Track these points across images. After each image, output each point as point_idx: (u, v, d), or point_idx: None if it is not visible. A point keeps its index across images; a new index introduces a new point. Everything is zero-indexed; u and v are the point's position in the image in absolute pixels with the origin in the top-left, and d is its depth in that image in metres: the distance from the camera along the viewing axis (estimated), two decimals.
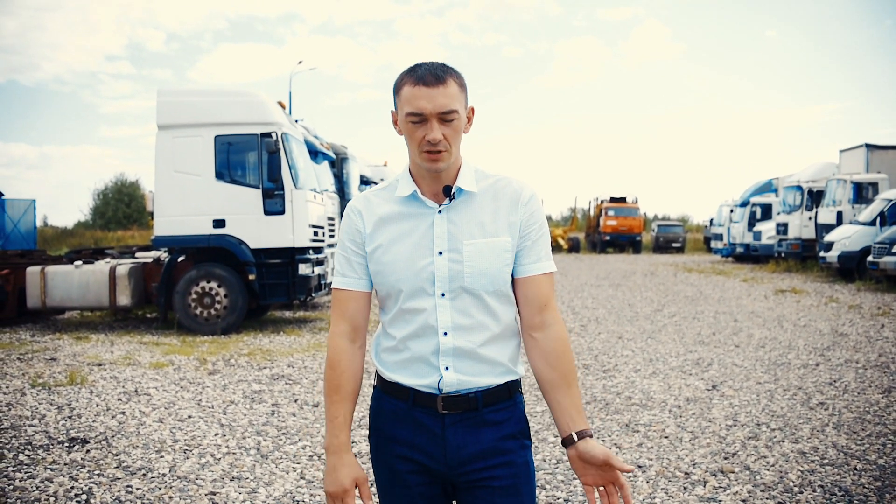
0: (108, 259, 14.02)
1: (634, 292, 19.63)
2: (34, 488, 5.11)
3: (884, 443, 6.10)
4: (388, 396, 2.35)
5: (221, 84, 16.22)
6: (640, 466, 5.60)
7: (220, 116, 12.31)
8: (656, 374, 8.90)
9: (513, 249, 2.29)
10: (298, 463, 5.67)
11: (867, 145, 26.98)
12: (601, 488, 2.22)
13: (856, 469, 5.48)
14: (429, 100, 2.17)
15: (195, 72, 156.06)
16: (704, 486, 5.16)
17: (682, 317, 14.42)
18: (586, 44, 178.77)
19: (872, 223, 21.64)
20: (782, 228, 29.04)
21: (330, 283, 14.92)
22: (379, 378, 2.40)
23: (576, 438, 2.23)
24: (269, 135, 12.17)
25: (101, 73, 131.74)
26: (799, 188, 28.37)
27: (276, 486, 5.17)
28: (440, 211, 2.28)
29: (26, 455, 5.83)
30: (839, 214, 24.97)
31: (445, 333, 2.26)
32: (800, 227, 27.83)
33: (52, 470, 5.49)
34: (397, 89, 2.25)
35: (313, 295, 13.10)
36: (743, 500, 4.91)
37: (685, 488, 5.14)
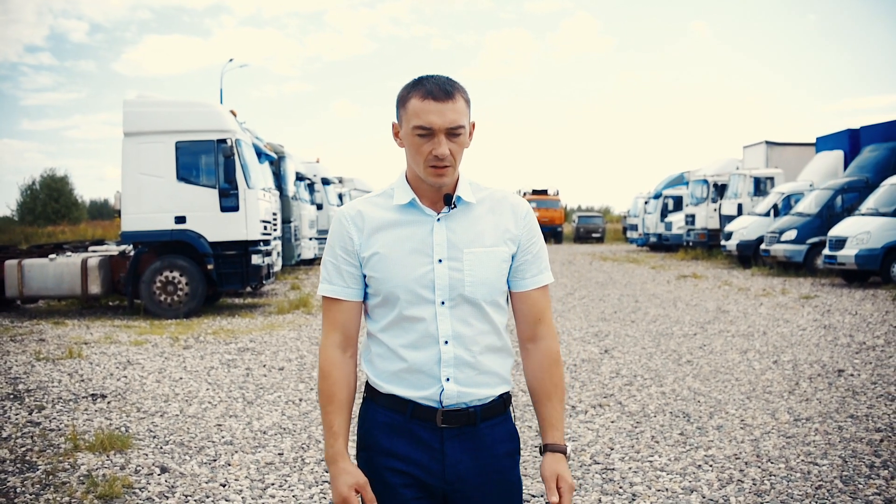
0: (68, 253, 15.34)
1: None
2: (82, 425, 6.69)
3: (725, 385, 8.02)
4: (384, 409, 2.30)
5: (182, 96, 17.65)
6: None
7: (181, 124, 13.85)
8: (560, 343, 10.71)
9: (509, 261, 2.32)
10: (277, 407, 7.33)
11: (767, 142, 29.32)
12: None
13: (699, 402, 7.38)
14: (439, 115, 2.15)
15: (120, 64, 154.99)
16: (585, 414, 7.01)
17: (590, 299, 16.36)
18: (515, 36, 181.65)
19: (767, 214, 23.79)
20: (690, 219, 31.19)
21: (277, 272, 16.56)
22: (371, 389, 2.35)
23: (542, 451, 2.36)
24: (224, 141, 13.74)
25: (22, 64, 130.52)
26: (705, 182, 30.52)
27: (264, 420, 6.85)
28: (439, 219, 2.26)
29: (61, 406, 7.39)
30: (740, 206, 27.16)
31: (446, 342, 2.23)
32: (706, 217, 29.93)
33: (87, 414, 7.08)
34: (402, 101, 2.22)
35: (264, 282, 14.78)
36: (612, 422, 6.75)
37: (571, 416, 6.97)
